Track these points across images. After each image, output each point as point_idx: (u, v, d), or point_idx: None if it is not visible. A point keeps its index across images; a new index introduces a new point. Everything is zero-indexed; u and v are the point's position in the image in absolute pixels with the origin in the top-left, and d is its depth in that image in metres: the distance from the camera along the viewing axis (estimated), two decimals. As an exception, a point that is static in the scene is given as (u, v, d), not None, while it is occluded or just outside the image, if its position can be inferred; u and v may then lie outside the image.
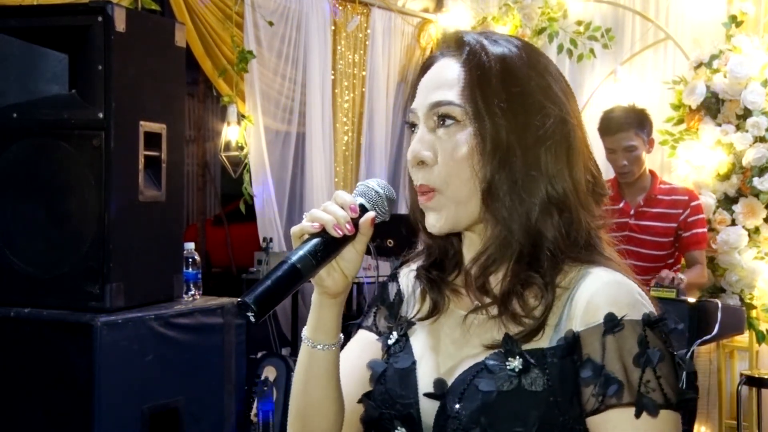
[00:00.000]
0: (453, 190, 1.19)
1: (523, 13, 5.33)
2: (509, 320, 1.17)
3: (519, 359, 1.13)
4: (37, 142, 2.84)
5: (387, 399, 1.24)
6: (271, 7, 5.07)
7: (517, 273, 1.19)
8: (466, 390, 1.15)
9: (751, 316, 4.37)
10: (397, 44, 5.89)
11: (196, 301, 3.14)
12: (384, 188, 1.24)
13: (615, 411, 1.10)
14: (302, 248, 1.16)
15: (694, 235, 3.85)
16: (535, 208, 1.17)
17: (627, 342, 1.11)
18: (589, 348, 1.12)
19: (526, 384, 1.12)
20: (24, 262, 2.84)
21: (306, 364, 1.26)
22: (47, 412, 2.75)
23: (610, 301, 1.13)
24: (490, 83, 1.18)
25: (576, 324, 1.14)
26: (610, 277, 1.17)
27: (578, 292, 1.16)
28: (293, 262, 1.15)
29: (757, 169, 4.32)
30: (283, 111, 5.22)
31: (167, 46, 3.03)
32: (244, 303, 1.11)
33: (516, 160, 1.17)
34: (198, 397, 3.04)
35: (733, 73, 4.32)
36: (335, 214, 1.17)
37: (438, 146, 1.20)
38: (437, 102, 1.20)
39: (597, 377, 1.11)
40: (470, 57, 1.20)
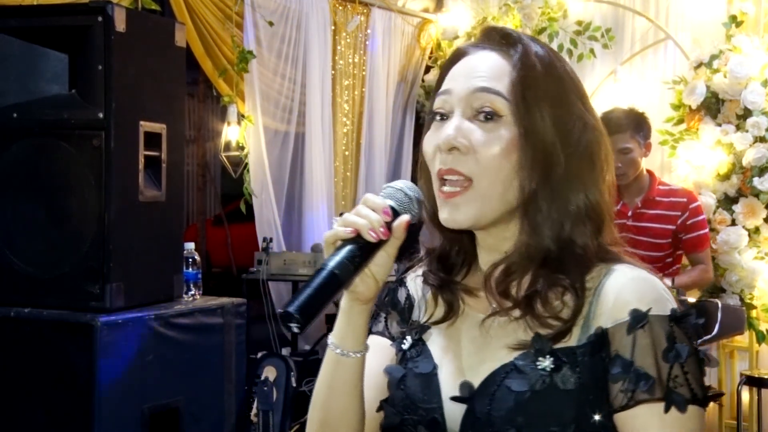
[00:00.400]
0: (486, 185, 1.16)
1: (523, 13, 5.33)
2: (533, 321, 1.16)
3: (550, 358, 1.13)
4: (38, 142, 2.84)
5: (409, 404, 1.21)
6: (271, 7, 5.07)
7: (543, 276, 1.18)
8: (496, 391, 1.13)
9: (751, 316, 4.38)
10: (397, 44, 5.89)
11: (196, 301, 3.15)
12: (412, 190, 1.20)
13: (644, 407, 1.10)
14: (338, 254, 1.12)
15: (695, 237, 3.85)
16: (570, 217, 1.17)
17: (656, 338, 1.11)
18: (617, 344, 1.12)
19: (559, 383, 1.11)
20: (24, 262, 2.84)
21: (331, 371, 1.23)
22: (47, 412, 2.75)
23: (638, 297, 1.13)
24: (539, 85, 1.17)
25: (604, 321, 1.14)
26: (635, 273, 1.17)
27: (604, 289, 1.15)
28: (332, 269, 1.11)
29: (757, 169, 4.32)
30: (282, 111, 5.22)
31: (167, 46, 3.03)
32: (287, 314, 1.08)
33: (558, 168, 1.16)
34: (198, 397, 3.05)
35: (733, 73, 4.32)
36: (369, 218, 1.14)
37: (475, 137, 1.16)
38: (484, 87, 1.17)
39: (627, 373, 1.10)
40: (520, 55, 1.18)
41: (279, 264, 4.71)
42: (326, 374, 1.23)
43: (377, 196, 1.17)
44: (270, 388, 3.50)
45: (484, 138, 1.16)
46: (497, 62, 1.18)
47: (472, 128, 1.17)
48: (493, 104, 1.16)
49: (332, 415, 1.24)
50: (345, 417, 1.24)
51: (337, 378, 1.22)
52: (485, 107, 1.16)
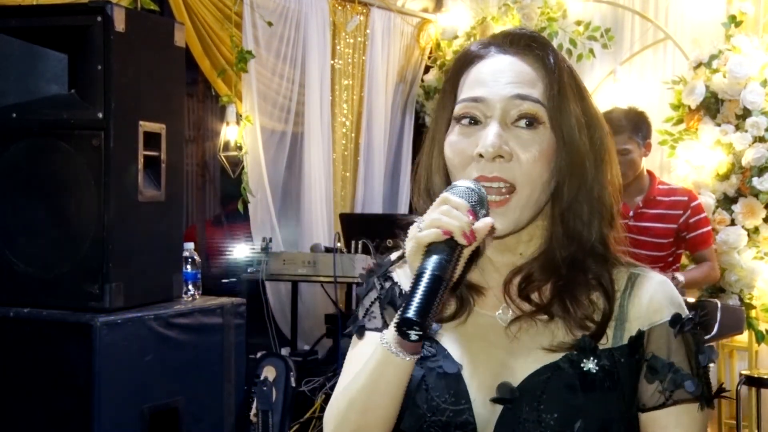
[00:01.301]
0: (528, 192, 1.17)
1: (522, 13, 5.33)
2: (569, 322, 1.18)
3: (594, 360, 1.16)
4: (37, 142, 2.84)
5: (434, 406, 1.18)
6: (270, 7, 5.07)
7: (569, 276, 1.20)
8: (543, 392, 1.14)
9: (750, 316, 4.38)
10: (396, 44, 5.89)
11: (195, 301, 3.14)
12: (480, 190, 1.15)
13: (680, 406, 1.17)
14: (434, 256, 1.08)
15: (699, 235, 3.85)
16: (600, 218, 1.21)
17: (690, 340, 1.18)
18: (654, 346, 1.18)
19: (605, 384, 1.15)
20: (23, 262, 2.84)
21: (379, 370, 1.16)
22: (47, 412, 2.75)
23: (670, 301, 1.20)
24: (568, 90, 1.20)
25: (640, 323, 1.18)
26: (659, 277, 1.23)
27: (635, 292, 1.20)
28: (433, 271, 1.07)
29: (757, 169, 4.32)
30: (281, 111, 5.21)
31: (167, 46, 3.03)
32: (407, 320, 1.04)
33: (589, 171, 1.20)
34: (197, 396, 3.04)
35: (732, 73, 4.33)
36: (461, 220, 1.09)
37: (515, 144, 1.17)
38: (524, 95, 1.17)
39: (666, 374, 1.16)
40: (553, 60, 1.20)
41: (278, 264, 4.70)
42: (372, 373, 1.16)
43: (455, 196, 1.11)
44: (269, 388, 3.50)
45: (525, 145, 1.17)
46: (526, 68, 1.20)
47: (511, 136, 1.17)
48: (532, 111, 1.17)
49: (369, 416, 1.18)
50: (382, 418, 1.19)
51: (384, 378, 1.16)
52: (527, 114, 1.17)
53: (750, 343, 4.47)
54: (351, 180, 5.66)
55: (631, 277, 1.22)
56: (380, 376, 1.16)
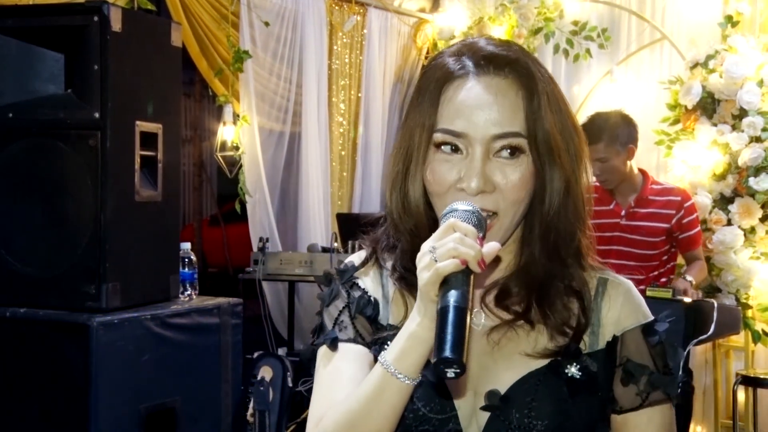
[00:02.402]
0: (510, 218, 1.20)
1: (519, 14, 5.33)
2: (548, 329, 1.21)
3: (576, 365, 1.18)
4: (34, 142, 2.83)
5: (420, 416, 1.18)
6: (267, 7, 5.07)
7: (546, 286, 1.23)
8: (534, 399, 1.16)
9: (746, 316, 4.38)
10: (393, 44, 5.89)
11: (192, 301, 3.14)
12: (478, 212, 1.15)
13: (654, 407, 1.21)
14: (454, 290, 1.07)
15: (692, 236, 3.86)
16: (580, 229, 1.24)
17: (661, 342, 1.23)
18: (627, 350, 1.21)
19: (586, 388, 1.18)
20: (20, 262, 2.84)
21: (378, 390, 1.14)
22: (44, 412, 2.74)
23: (637, 308, 1.25)
24: (550, 112, 1.20)
25: (613, 329, 1.22)
26: (628, 282, 1.27)
27: (605, 298, 1.24)
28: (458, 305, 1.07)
29: (753, 169, 4.32)
30: (278, 111, 5.21)
31: (163, 45, 3.03)
32: (446, 360, 1.04)
33: (571, 188, 1.22)
34: (194, 397, 3.04)
35: (729, 73, 4.33)
36: (475, 249, 1.08)
37: (498, 176, 1.18)
38: (503, 134, 1.17)
39: (640, 376, 1.20)
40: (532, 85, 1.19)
41: (275, 264, 4.70)
42: (371, 393, 1.14)
43: (463, 223, 1.11)
44: (266, 388, 3.50)
45: (507, 176, 1.18)
46: (508, 96, 1.18)
47: (494, 168, 1.18)
48: (513, 144, 1.18)
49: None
50: None
51: (382, 399, 1.13)
52: (509, 146, 1.18)
53: (746, 343, 4.48)
54: (349, 180, 5.66)
55: (600, 282, 1.25)
56: (381, 398, 1.13)
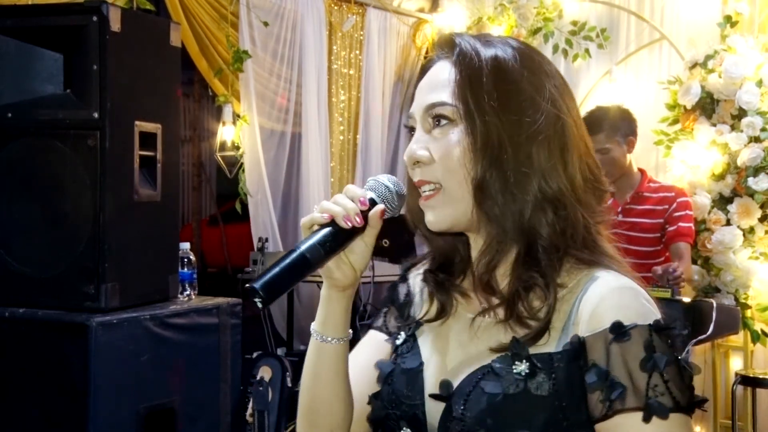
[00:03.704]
0: (454, 187, 1.19)
1: (518, 13, 5.33)
2: (516, 323, 1.18)
3: (526, 363, 1.14)
4: (33, 142, 2.83)
5: (393, 399, 1.24)
6: (266, 7, 5.07)
7: (518, 275, 1.19)
8: (471, 392, 1.15)
9: (745, 316, 4.38)
10: (392, 44, 5.89)
11: (191, 301, 3.14)
12: (394, 184, 1.25)
13: (623, 416, 1.10)
14: (311, 238, 1.18)
15: (678, 228, 3.88)
16: (528, 206, 1.17)
17: (633, 347, 1.11)
18: (594, 354, 1.12)
19: (532, 388, 1.13)
20: (19, 262, 2.83)
21: (314, 358, 1.27)
22: (42, 412, 2.74)
23: (617, 307, 1.13)
24: (480, 81, 1.19)
25: (582, 329, 1.14)
26: (618, 282, 1.17)
27: (585, 297, 1.16)
28: (302, 251, 1.16)
29: (752, 169, 4.32)
30: (278, 111, 5.22)
31: (162, 45, 3.03)
32: (252, 289, 1.13)
33: (507, 157, 1.17)
34: (193, 397, 3.04)
35: (728, 73, 4.33)
36: (345, 206, 1.19)
37: (433, 146, 1.21)
38: (431, 104, 1.22)
39: (603, 382, 1.10)
40: (461, 57, 1.22)
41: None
42: (310, 361, 1.28)
43: (357, 187, 1.22)
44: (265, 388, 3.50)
45: (439, 144, 1.20)
46: (446, 71, 1.23)
47: (430, 138, 1.22)
48: (441, 112, 1.21)
49: (318, 403, 1.28)
50: (330, 404, 1.27)
51: (320, 365, 1.27)
52: (437, 115, 1.21)
53: (745, 343, 4.48)
54: (349, 180, 5.66)
55: (589, 279, 1.17)
56: (316, 362, 1.27)
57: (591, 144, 1.26)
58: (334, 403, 1.28)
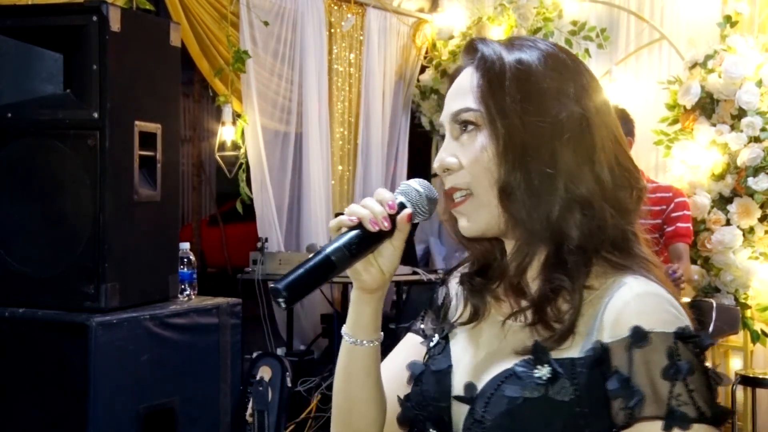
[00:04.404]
0: (483, 192, 1.19)
1: (518, 13, 5.33)
2: (542, 326, 1.16)
3: (547, 367, 1.12)
4: (33, 142, 2.83)
5: (422, 401, 1.24)
6: (267, 7, 5.07)
7: (546, 277, 1.18)
8: (493, 395, 1.14)
9: (745, 316, 4.39)
10: (392, 44, 5.89)
11: (191, 301, 3.14)
12: (425, 188, 1.24)
13: (644, 424, 1.08)
14: (338, 240, 1.18)
15: (676, 229, 3.88)
16: (554, 207, 1.16)
17: (655, 355, 1.09)
18: (617, 361, 1.10)
19: (553, 393, 1.11)
20: (19, 262, 2.83)
21: (346, 360, 1.28)
22: (42, 412, 2.74)
23: (640, 313, 1.11)
24: (502, 84, 1.18)
25: (605, 335, 1.12)
26: (644, 288, 1.14)
27: (611, 302, 1.14)
28: (327, 253, 1.16)
29: (752, 169, 4.32)
30: (280, 111, 5.22)
31: (162, 45, 3.03)
32: (275, 289, 1.13)
33: (531, 159, 1.16)
34: (193, 397, 3.04)
35: (727, 73, 4.33)
36: (373, 209, 1.19)
37: (461, 152, 1.21)
38: (457, 110, 1.22)
39: (624, 390, 1.09)
40: (482, 62, 1.22)
41: (274, 264, 4.70)
42: (342, 363, 1.28)
43: (387, 191, 1.21)
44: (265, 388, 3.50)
45: (467, 150, 1.20)
46: (469, 77, 1.23)
47: (458, 145, 1.22)
48: (467, 118, 1.21)
49: (351, 403, 1.29)
50: (363, 405, 1.28)
51: (351, 367, 1.27)
52: (463, 122, 1.21)
53: (745, 343, 4.48)
54: (350, 180, 5.67)
55: (617, 284, 1.15)
56: (348, 364, 1.28)
57: (625, 143, 1.24)
58: (367, 404, 1.28)
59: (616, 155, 1.20)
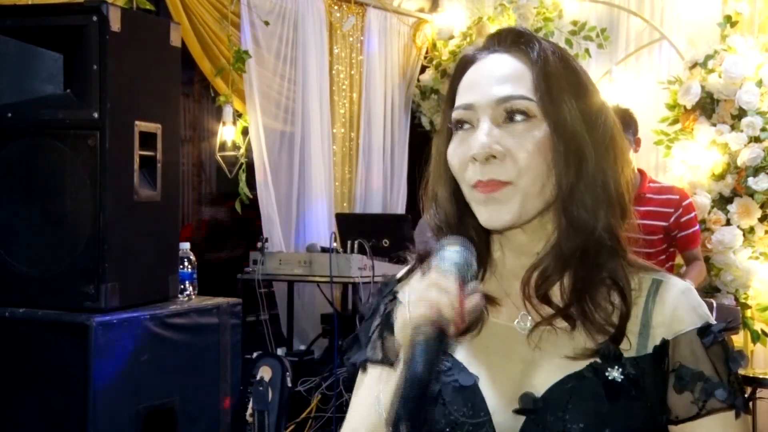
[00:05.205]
0: (526, 184, 1.14)
1: (518, 13, 5.34)
2: (589, 327, 1.15)
3: (618, 369, 1.12)
4: (33, 142, 2.83)
5: (452, 420, 1.16)
6: (267, 7, 5.07)
7: (582, 274, 1.17)
8: (568, 402, 1.11)
9: (745, 316, 4.39)
10: (393, 44, 5.89)
11: (191, 301, 3.14)
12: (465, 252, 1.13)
13: (715, 416, 1.12)
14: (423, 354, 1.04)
15: (690, 234, 3.86)
16: (604, 208, 1.17)
17: (715, 347, 1.15)
18: (680, 355, 1.14)
19: (629, 393, 1.12)
20: (19, 262, 2.83)
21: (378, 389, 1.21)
22: (42, 412, 2.74)
23: (694, 308, 1.17)
24: (560, 80, 1.17)
25: (664, 331, 1.15)
26: (684, 285, 1.20)
27: (660, 299, 1.17)
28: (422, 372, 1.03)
29: (752, 169, 4.33)
30: (281, 111, 5.21)
31: (162, 45, 3.03)
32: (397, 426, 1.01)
33: (589, 159, 1.16)
34: (193, 397, 3.04)
35: (728, 73, 4.33)
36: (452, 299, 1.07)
37: (508, 141, 1.14)
38: (508, 96, 1.16)
39: (696, 383, 1.12)
40: (538, 52, 1.18)
41: (274, 264, 4.70)
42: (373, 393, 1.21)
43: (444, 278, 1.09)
44: (265, 388, 3.50)
45: (517, 140, 1.14)
46: (514, 64, 1.18)
47: (504, 133, 1.15)
48: (520, 107, 1.15)
49: None
50: None
51: None
52: (516, 110, 1.15)
53: (745, 343, 4.48)
54: (351, 180, 5.67)
55: (654, 283, 1.19)
56: None
57: None
58: None
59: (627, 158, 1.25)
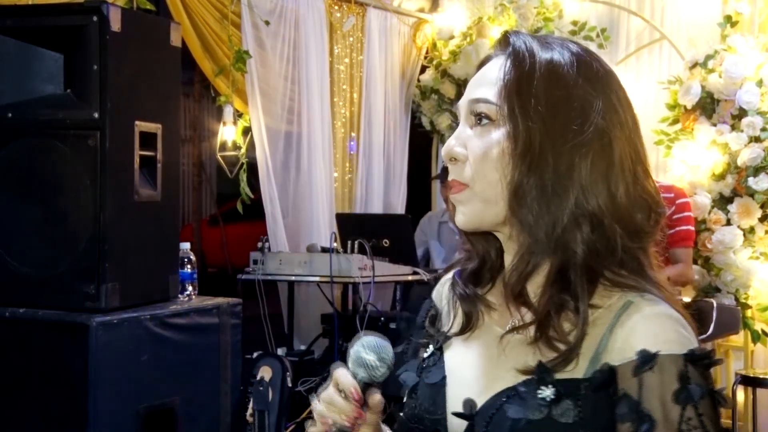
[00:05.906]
0: (481, 189, 1.15)
1: (518, 13, 5.34)
2: (544, 345, 1.12)
3: (551, 388, 1.09)
4: (33, 142, 2.83)
5: (416, 414, 1.21)
6: (268, 7, 5.07)
7: (550, 295, 1.13)
8: (494, 414, 1.11)
9: (746, 316, 4.39)
10: (393, 44, 5.90)
11: (191, 301, 3.14)
12: (374, 348, 1.15)
13: None
14: None
15: (677, 232, 3.87)
16: (562, 219, 1.12)
17: (666, 378, 1.06)
18: (625, 383, 1.07)
19: (557, 415, 1.08)
20: (19, 262, 2.83)
21: None
22: (42, 412, 2.74)
23: (649, 336, 1.08)
24: (530, 84, 1.14)
25: (613, 357, 1.09)
26: (653, 309, 1.10)
27: (618, 323, 1.10)
28: None
29: (752, 168, 4.33)
30: (282, 111, 5.21)
31: (163, 45, 3.03)
32: None
33: (547, 166, 1.12)
34: (193, 397, 3.04)
35: (728, 73, 4.33)
36: (342, 409, 1.13)
37: (470, 144, 1.17)
38: (475, 99, 1.18)
39: (634, 414, 1.06)
40: (513, 56, 1.17)
41: (275, 264, 4.70)
42: None
43: (345, 373, 1.14)
44: (266, 388, 3.50)
45: (477, 143, 1.16)
46: (497, 68, 1.18)
47: (470, 135, 1.17)
48: (483, 110, 1.16)
49: None
50: None
51: None
52: (479, 114, 1.17)
53: (746, 343, 4.48)
54: (352, 180, 5.67)
55: (626, 303, 1.11)
56: None
57: (648, 163, 1.21)
58: None
59: (635, 174, 1.17)
